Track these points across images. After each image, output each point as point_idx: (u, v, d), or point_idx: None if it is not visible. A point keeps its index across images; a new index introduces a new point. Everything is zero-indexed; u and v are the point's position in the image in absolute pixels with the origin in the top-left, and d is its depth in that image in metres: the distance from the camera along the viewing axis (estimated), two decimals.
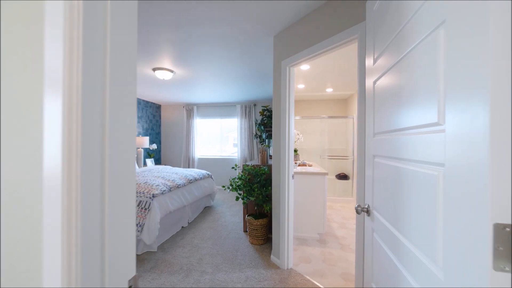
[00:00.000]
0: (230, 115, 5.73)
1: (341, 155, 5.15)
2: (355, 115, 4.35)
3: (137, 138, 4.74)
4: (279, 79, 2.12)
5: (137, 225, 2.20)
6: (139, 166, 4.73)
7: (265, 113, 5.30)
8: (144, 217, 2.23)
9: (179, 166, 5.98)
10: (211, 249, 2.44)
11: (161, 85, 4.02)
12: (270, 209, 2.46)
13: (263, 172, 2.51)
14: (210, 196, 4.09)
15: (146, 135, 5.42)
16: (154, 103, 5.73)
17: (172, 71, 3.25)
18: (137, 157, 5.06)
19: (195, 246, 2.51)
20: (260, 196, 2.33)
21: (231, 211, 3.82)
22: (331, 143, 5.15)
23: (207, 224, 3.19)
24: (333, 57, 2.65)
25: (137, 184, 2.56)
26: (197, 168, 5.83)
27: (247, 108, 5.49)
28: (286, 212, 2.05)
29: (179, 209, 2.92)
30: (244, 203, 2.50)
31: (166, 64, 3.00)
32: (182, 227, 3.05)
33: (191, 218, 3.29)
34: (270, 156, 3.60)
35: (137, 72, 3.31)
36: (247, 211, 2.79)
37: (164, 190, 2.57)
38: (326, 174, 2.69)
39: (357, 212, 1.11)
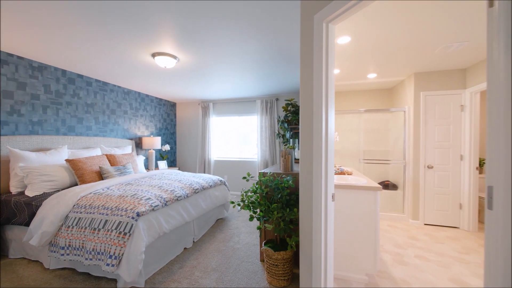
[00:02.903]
0: (249, 112, 5.07)
1: (381, 159, 4.15)
2: (410, 107, 3.35)
3: (148, 138, 4.33)
4: (311, 47, 1.37)
5: (111, 256, 1.62)
6: (150, 169, 4.31)
7: (289, 108, 4.52)
8: (123, 245, 1.64)
9: (194, 169, 5.50)
10: None
11: (165, 76, 3.50)
12: (297, 242, 1.70)
13: (285, 185, 1.77)
14: (224, 206, 3.46)
15: (159, 135, 5.03)
16: (168, 101, 5.33)
17: (175, 57, 2.68)
18: (147, 159, 4.67)
19: (194, 283, 1.86)
20: (281, 223, 1.59)
21: (247, 226, 3.13)
22: (370, 144, 4.17)
23: (215, 245, 2.54)
24: (396, 16, 1.80)
25: (120, 197, 2.01)
26: (214, 172, 5.28)
27: (268, 103, 4.77)
28: (322, 249, 1.29)
29: (179, 227, 2.31)
30: (259, 228, 1.78)
31: (168, 47, 2.42)
32: (185, 248, 2.45)
33: (197, 236, 2.68)
34: (297, 160, 2.83)
35: (131, 59, 2.78)
36: (265, 236, 2.07)
37: (156, 205, 1.98)
38: (378, 189, 1.84)
39: None
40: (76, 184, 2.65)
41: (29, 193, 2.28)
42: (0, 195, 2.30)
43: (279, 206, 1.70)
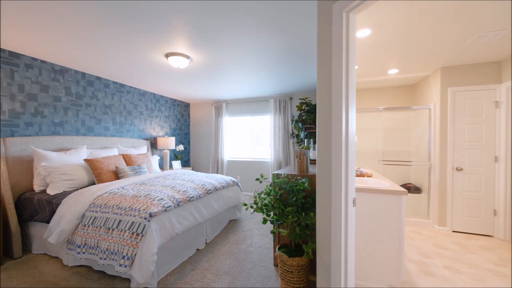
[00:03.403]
0: (262, 111, 4.99)
1: (402, 160, 3.90)
2: (436, 104, 3.11)
3: (163, 138, 4.40)
4: (329, 40, 1.27)
5: (123, 257, 1.62)
6: (165, 169, 4.37)
7: (303, 107, 4.41)
8: (135, 246, 1.63)
9: (208, 169, 5.52)
10: None
11: (178, 77, 3.52)
12: (314, 249, 1.60)
13: (301, 187, 1.68)
14: (237, 207, 3.42)
15: (173, 135, 5.10)
16: (182, 102, 5.39)
17: (188, 57, 2.67)
18: (161, 159, 4.74)
19: (206, 286, 1.82)
20: (297, 228, 1.50)
21: (261, 228, 3.06)
22: (389, 144, 3.94)
23: (228, 247, 2.49)
24: (422, 3, 1.64)
25: (134, 197, 2.02)
26: (227, 172, 5.26)
27: (282, 103, 4.66)
28: (342, 257, 1.18)
29: (191, 228, 2.29)
30: (272, 232, 1.70)
31: (181, 46, 2.42)
32: (197, 249, 2.42)
33: (210, 237, 2.65)
34: (312, 161, 2.72)
35: (146, 60, 2.82)
36: (279, 240, 1.99)
37: (168, 206, 1.97)
38: (403, 193, 1.69)
39: None
40: (94, 183, 2.73)
41: (50, 191, 2.36)
42: (25, 193, 2.41)
43: (294, 209, 1.61)
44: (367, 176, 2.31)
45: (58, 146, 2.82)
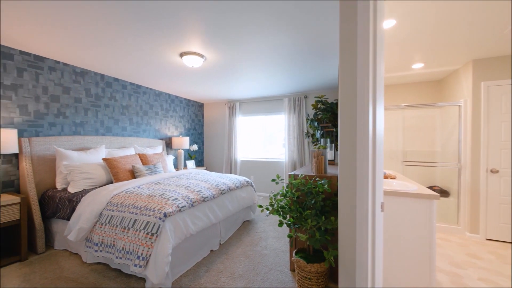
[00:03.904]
0: (276, 110, 4.90)
1: (426, 161, 3.64)
2: (467, 100, 2.86)
3: (177, 138, 4.45)
4: (353, 30, 1.16)
5: (139, 257, 1.61)
6: (179, 169, 4.41)
7: (319, 105, 4.25)
8: (150, 246, 1.62)
9: (221, 169, 5.51)
10: None
11: (192, 77, 3.52)
12: (335, 256, 1.50)
13: (320, 189, 1.58)
14: (250, 208, 3.36)
15: (187, 135, 5.15)
16: (196, 102, 5.43)
17: (202, 56, 2.65)
18: (176, 158, 4.79)
19: None
20: (317, 234, 1.40)
21: (275, 230, 2.98)
22: (411, 144, 3.69)
23: (242, 249, 2.43)
24: None
25: (149, 196, 2.01)
26: (240, 172, 5.23)
27: (296, 101, 4.54)
28: (369, 268, 1.07)
29: (205, 229, 2.26)
30: (290, 236, 1.62)
31: (195, 45, 2.40)
32: (211, 250, 2.39)
33: (224, 238, 2.61)
34: (330, 161, 2.59)
35: (161, 59, 2.84)
36: (295, 244, 1.90)
37: (183, 206, 1.94)
38: (435, 197, 1.54)
39: None
40: (112, 182, 2.78)
41: (71, 189, 2.44)
42: (48, 191, 2.50)
43: (313, 213, 1.51)
44: (391, 178, 2.16)
45: (78, 146, 2.92)
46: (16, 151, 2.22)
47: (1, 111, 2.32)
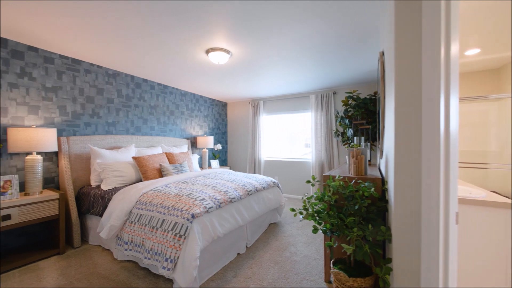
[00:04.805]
0: (302, 108, 4.68)
1: (476, 162, 3.15)
2: None
3: (202, 138, 4.46)
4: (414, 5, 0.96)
5: (167, 259, 1.55)
6: (203, 168, 4.42)
7: (349, 102, 3.96)
8: (178, 248, 1.55)
9: (245, 168, 5.44)
10: None
11: (217, 74, 3.47)
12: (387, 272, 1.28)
13: (365, 193, 1.37)
14: (277, 210, 3.20)
15: (211, 134, 5.16)
16: (220, 101, 5.43)
17: (228, 52, 2.57)
18: (201, 158, 4.82)
19: None
20: (366, 246, 1.21)
21: (304, 234, 2.79)
22: (460, 142, 3.23)
23: (270, 254, 2.30)
24: None
25: (177, 196, 1.97)
26: (264, 172, 5.10)
27: (324, 98, 4.28)
28: None
29: (232, 231, 2.16)
30: (329, 245, 1.44)
31: (221, 41, 2.32)
32: (238, 253, 2.29)
33: (251, 241, 2.49)
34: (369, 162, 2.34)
35: (187, 57, 2.80)
36: (331, 252, 1.70)
37: (210, 207, 1.86)
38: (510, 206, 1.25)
39: None
40: (141, 180, 2.83)
41: (104, 187, 2.51)
42: (84, 187, 2.61)
43: (356, 220, 1.32)
44: None
45: (111, 145, 3.02)
46: (55, 149, 2.34)
47: (7, 107, 2.47)
